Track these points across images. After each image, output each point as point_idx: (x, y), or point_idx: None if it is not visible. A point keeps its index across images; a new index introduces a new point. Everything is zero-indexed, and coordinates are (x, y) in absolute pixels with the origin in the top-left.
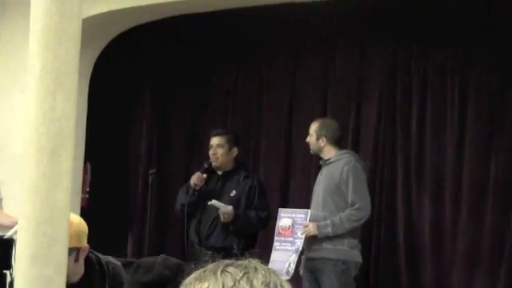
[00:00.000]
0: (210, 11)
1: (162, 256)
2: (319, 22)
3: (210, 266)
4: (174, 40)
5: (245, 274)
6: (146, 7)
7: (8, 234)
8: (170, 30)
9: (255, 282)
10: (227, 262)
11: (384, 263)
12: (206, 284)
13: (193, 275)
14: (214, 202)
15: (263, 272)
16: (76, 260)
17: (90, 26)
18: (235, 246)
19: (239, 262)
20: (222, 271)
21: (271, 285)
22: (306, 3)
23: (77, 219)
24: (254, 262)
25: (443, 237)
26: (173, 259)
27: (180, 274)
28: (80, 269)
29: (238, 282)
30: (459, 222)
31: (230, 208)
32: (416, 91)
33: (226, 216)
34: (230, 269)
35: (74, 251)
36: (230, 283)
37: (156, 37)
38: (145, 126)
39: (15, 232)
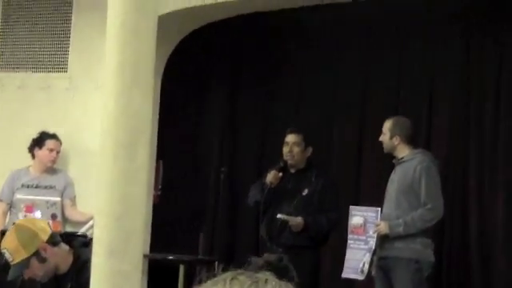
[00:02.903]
0: (281, 8)
1: None
2: (389, 21)
3: (227, 273)
4: (246, 37)
5: (253, 283)
6: (219, 4)
7: (81, 231)
8: (242, 26)
9: None
10: (241, 271)
11: (456, 263)
12: None
13: (209, 281)
14: (281, 215)
15: (273, 283)
16: (42, 260)
17: (164, 23)
18: None
19: (254, 273)
20: (232, 278)
21: None
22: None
23: (13, 232)
24: (268, 275)
25: None
26: None
27: None
28: (57, 260)
29: None
30: None
31: (298, 219)
32: (490, 89)
33: (296, 226)
34: (241, 277)
35: (33, 257)
36: None
37: (228, 34)
38: (216, 123)
39: (89, 228)
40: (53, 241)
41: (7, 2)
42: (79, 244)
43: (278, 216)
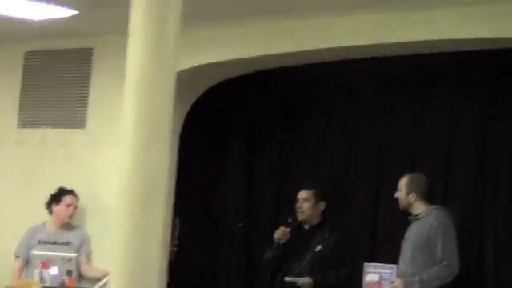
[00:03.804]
0: (299, 64)
1: None
2: (412, 74)
3: None
4: (263, 93)
5: None
6: (236, 61)
7: (96, 287)
8: (260, 83)
9: None
10: None
11: None
12: None
13: None
14: (289, 278)
15: None
16: None
17: (183, 79)
18: None
19: None
20: None
21: None
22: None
23: None
24: None
25: None
26: None
27: None
28: None
29: None
30: None
31: (306, 279)
32: (506, 144)
33: (306, 286)
34: None
35: None
36: None
37: (245, 90)
38: (233, 179)
39: (103, 285)
40: None
41: (29, 59)
42: None
43: (286, 279)
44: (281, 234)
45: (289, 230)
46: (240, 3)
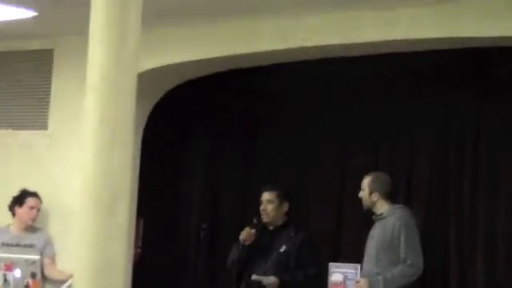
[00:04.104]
0: (261, 65)
1: None
2: (370, 78)
3: None
4: (225, 94)
5: None
6: (199, 62)
7: None
8: (222, 84)
9: None
10: None
11: None
12: None
13: None
14: (254, 277)
15: None
16: None
17: (144, 80)
18: None
19: None
20: None
21: None
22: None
23: None
24: None
25: None
26: None
27: None
28: None
29: None
30: None
31: (271, 279)
32: (468, 151)
33: (271, 285)
34: None
35: None
36: None
37: (207, 91)
38: (197, 180)
39: (68, 287)
40: None
41: None
42: None
43: (253, 277)
44: (246, 235)
45: (254, 231)
46: (201, 4)
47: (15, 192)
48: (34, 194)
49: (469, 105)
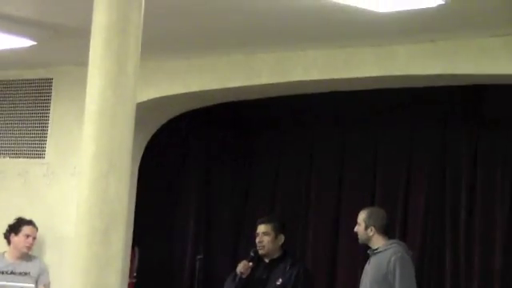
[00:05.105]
0: (256, 98)
1: None
2: (364, 108)
3: None
4: (223, 126)
5: None
6: (196, 93)
7: None
8: (219, 115)
9: None
10: None
11: None
12: None
13: None
14: None
15: None
16: None
17: (142, 110)
18: None
19: None
20: None
21: None
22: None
23: None
24: None
25: None
26: None
27: None
28: None
29: None
30: None
31: None
32: (465, 181)
33: None
34: None
35: None
36: None
37: (205, 123)
38: (192, 210)
39: None
40: None
41: None
42: None
43: None
44: (243, 267)
45: (251, 264)
46: (197, 38)
47: (11, 220)
48: (30, 222)
49: (465, 135)
